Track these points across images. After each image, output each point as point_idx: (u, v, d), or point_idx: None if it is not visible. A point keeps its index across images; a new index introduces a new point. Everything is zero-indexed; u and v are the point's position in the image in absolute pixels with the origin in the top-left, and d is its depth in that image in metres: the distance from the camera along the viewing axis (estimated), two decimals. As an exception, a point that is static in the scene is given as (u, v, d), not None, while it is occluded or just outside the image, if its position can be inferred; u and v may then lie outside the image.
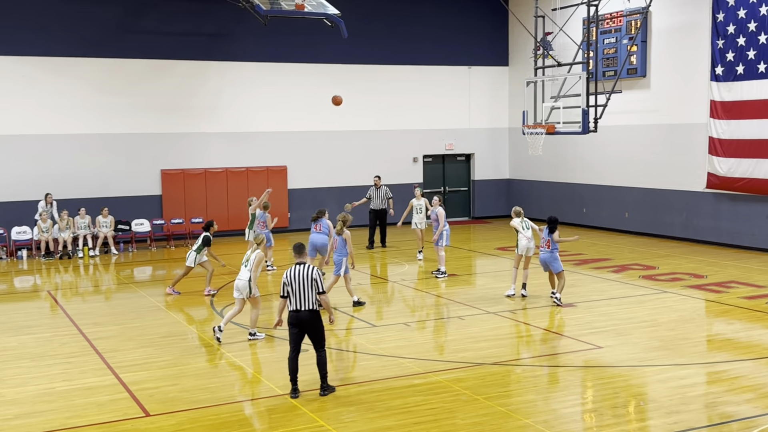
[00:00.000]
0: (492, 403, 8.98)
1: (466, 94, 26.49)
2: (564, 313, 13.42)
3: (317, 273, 9.32)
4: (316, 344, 9.38)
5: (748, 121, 18.91)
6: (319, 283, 9.30)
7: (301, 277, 9.26)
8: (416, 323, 13.00)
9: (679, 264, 17.78)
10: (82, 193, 21.79)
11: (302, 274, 9.27)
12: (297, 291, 9.24)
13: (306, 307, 9.23)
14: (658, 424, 8.36)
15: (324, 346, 9.42)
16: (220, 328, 11.77)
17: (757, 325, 12.41)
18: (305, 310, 9.23)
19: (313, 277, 9.26)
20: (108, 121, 22.20)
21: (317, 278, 9.28)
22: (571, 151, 24.23)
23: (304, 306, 9.23)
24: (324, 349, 9.41)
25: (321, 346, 9.38)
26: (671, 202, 21.36)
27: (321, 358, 9.35)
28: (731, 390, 9.38)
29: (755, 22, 18.58)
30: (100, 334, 12.48)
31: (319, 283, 9.29)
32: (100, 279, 18.18)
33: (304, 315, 9.23)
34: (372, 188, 21.41)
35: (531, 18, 20.68)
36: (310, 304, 9.24)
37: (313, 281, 9.25)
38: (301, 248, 9.68)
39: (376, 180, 21.46)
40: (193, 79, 23.07)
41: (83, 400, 9.36)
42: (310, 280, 9.25)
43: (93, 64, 22.00)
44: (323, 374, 9.36)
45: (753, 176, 18.89)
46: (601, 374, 10.15)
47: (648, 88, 21.69)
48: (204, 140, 23.30)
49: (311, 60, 24.27)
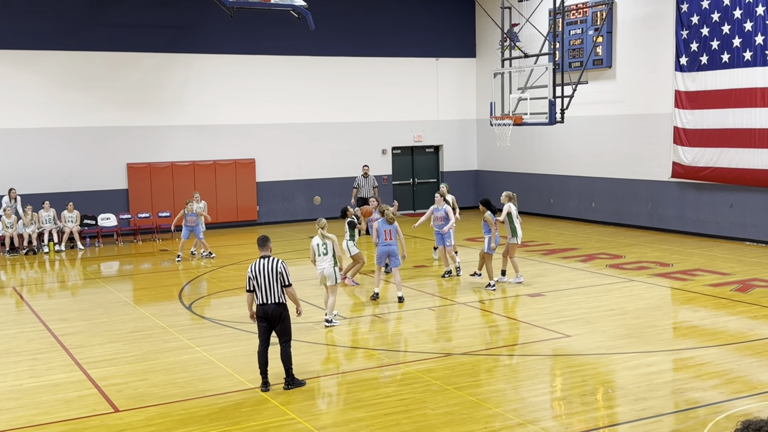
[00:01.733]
0: (462, 393, 9.02)
1: (434, 85, 26.53)
2: (533, 302, 13.52)
3: (282, 266, 9.27)
4: (281, 337, 9.33)
5: (712, 111, 19.16)
6: (285, 276, 9.24)
7: (265, 270, 9.21)
8: (387, 315, 13.01)
9: (646, 253, 17.99)
10: (46, 188, 21.49)
11: (267, 268, 9.22)
12: (262, 285, 9.19)
13: (272, 300, 9.20)
14: (626, 411, 8.45)
15: (289, 340, 9.36)
16: (329, 320, 12.03)
17: (722, 312, 12.60)
18: (271, 303, 9.21)
19: (278, 270, 9.21)
20: (72, 115, 21.90)
21: (282, 271, 9.23)
22: (539, 142, 24.38)
23: (270, 299, 9.20)
24: (289, 343, 9.35)
25: (286, 340, 9.33)
26: (637, 192, 21.60)
27: (285, 353, 9.31)
28: (697, 376, 9.52)
29: (719, 13, 18.81)
30: (67, 330, 12.33)
31: (284, 276, 9.23)
32: (67, 274, 17.96)
33: (270, 308, 9.21)
34: (360, 177, 21.74)
35: (498, 9, 20.75)
36: (276, 297, 9.21)
37: (278, 274, 9.20)
38: (265, 241, 9.55)
39: (365, 169, 21.79)
40: (158, 71, 22.83)
41: (50, 397, 9.24)
42: (275, 273, 9.20)
43: (56, 56, 21.68)
44: (287, 368, 9.32)
45: (717, 165, 19.15)
46: (569, 362, 10.25)
47: (614, 78, 21.88)
48: (170, 133, 23.08)
49: (278, 52, 24.13)
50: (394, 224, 13.77)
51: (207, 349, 11.02)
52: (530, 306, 13.30)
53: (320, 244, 12.09)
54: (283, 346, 9.33)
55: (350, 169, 25.24)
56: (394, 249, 13.72)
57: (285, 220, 24.71)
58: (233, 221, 23.82)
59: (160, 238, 22.02)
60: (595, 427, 8.09)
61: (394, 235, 13.72)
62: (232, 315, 12.90)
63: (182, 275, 16.60)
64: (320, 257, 12.09)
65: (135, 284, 16.72)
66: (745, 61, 18.28)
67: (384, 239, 13.69)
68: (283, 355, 9.31)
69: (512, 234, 14.66)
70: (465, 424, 8.12)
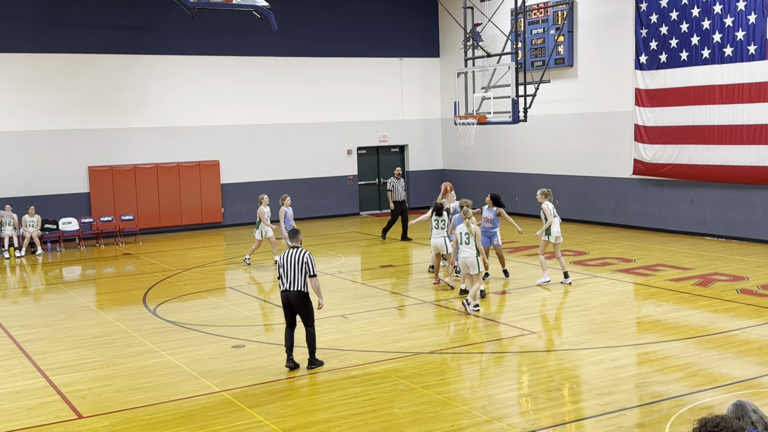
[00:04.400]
0: (430, 392, 9.05)
1: (399, 85, 26.56)
2: (498, 299, 13.60)
3: (308, 257, 9.82)
4: (305, 322, 9.98)
5: (671, 108, 19.45)
6: (311, 266, 9.78)
7: (292, 259, 9.78)
8: (353, 315, 13.00)
9: (608, 249, 18.20)
10: (5, 192, 21.12)
11: (294, 257, 9.79)
12: (288, 272, 9.78)
13: (295, 288, 9.77)
14: (591, 406, 8.55)
15: (313, 324, 9.98)
16: (473, 304, 12.47)
17: (684, 306, 12.79)
18: (294, 291, 9.79)
19: (304, 261, 9.77)
20: (31, 118, 21.55)
21: (308, 261, 9.78)
22: (503, 141, 24.54)
23: (293, 287, 9.77)
24: (312, 326, 9.98)
25: (309, 324, 9.97)
26: (600, 189, 21.84)
27: (310, 335, 9.97)
28: (660, 370, 9.65)
29: (677, 11, 19.09)
30: (28, 336, 12.13)
31: (310, 266, 9.78)
32: (28, 280, 17.68)
33: (292, 294, 9.82)
34: (393, 179, 20.71)
35: (460, 9, 20.85)
36: (299, 285, 9.76)
37: (304, 264, 9.76)
38: (295, 233, 10.15)
39: (397, 171, 21.04)
40: (118, 73, 22.55)
41: (12, 404, 9.09)
42: (301, 264, 9.75)
43: (14, 59, 21.32)
44: (311, 350, 9.98)
45: (677, 162, 19.44)
46: (535, 359, 10.33)
47: (575, 77, 22.10)
48: (132, 135, 22.82)
49: (241, 53, 23.99)
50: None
51: (172, 353, 10.91)
52: (496, 303, 13.38)
53: (464, 233, 12.56)
54: (308, 330, 10.00)
55: (315, 169, 25.21)
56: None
57: (251, 221, 24.53)
58: (198, 224, 23.62)
59: (123, 242, 21.76)
60: (561, 422, 8.17)
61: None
62: (197, 318, 12.80)
63: (146, 279, 16.41)
64: (463, 245, 12.58)
65: (98, 289, 16.51)
66: (704, 59, 18.58)
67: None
68: (308, 338, 9.99)
69: (546, 232, 14.49)
70: (433, 423, 8.14)
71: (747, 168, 17.97)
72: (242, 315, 13.07)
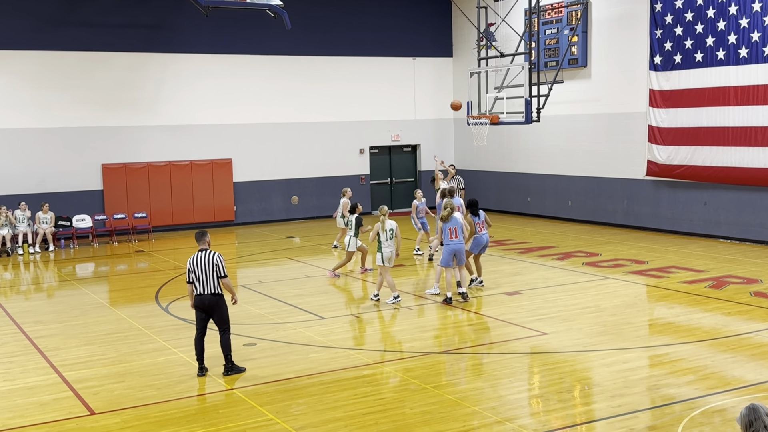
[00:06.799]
0: (440, 392, 9.04)
1: (411, 85, 26.56)
2: (510, 300, 13.58)
3: (218, 258, 9.69)
4: (220, 326, 9.81)
5: (685, 110, 19.35)
6: (221, 267, 9.66)
7: (203, 262, 9.65)
8: (365, 314, 13.01)
9: (621, 250, 18.13)
10: (20, 189, 21.26)
11: (204, 260, 9.66)
12: (200, 276, 9.64)
13: (208, 291, 9.64)
14: (603, 408, 8.52)
15: (228, 328, 9.84)
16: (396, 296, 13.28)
17: (697, 309, 12.73)
18: (208, 294, 9.66)
19: (214, 263, 9.65)
20: (46, 115, 21.69)
21: (218, 263, 9.66)
22: (515, 141, 24.49)
23: (207, 290, 9.65)
24: (228, 331, 9.83)
25: (225, 329, 9.80)
26: (613, 190, 21.76)
27: (225, 340, 9.78)
28: (673, 372, 9.60)
29: (692, 12, 18.99)
30: (42, 332, 12.21)
31: (220, 268, 9.65)
32: (41, 276, 17.78)
33: (206, 298, 9.67)
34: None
35: (474, 9, 20.83)
36: (212, 287, 9.64)
37: (214, 266, 9.64)
38: (202, 235, 9.94)
39: (450, 169, 19.94)
40: (132, 71, 22.65)
41: (25, 400, 9.15)
42: (212, 265, 9.64)
43: (29, 56, 21.45)
44: (226, 354, 9.78)
45: (691, 163, 19.34)
46: (546, 360, 10.30)
47: (589, 78, 22.02)
48: (146, 133, 22.92)
49: (254, 51, 24.04)
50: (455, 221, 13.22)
51: (184, 350, 10.94)
52: (507, 304, 13.35)
53: (390, 228, 13.35)
54: (223, 335, 9.81)
55: (328, 168, 25.24)
56: (460, 247, 13.30)
57: (262, 220, 24.63)
58: (210, 221, 23.69)
59: (136, 239, 21.87)
60: (572, 423, 8.15)
61: (459, 232, 13.30)
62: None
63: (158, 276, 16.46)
64: (387, 241, 13.31)
65: (111, 286, 16.59)
66: (718, 60, 18.48)
67: (449, 237, 13.25)
68: (223, 343, 9.78)
69: None
70: (443, 423, 8.14)
71: (761, 170, 17.86)
72: (254, 313, 13.10)
